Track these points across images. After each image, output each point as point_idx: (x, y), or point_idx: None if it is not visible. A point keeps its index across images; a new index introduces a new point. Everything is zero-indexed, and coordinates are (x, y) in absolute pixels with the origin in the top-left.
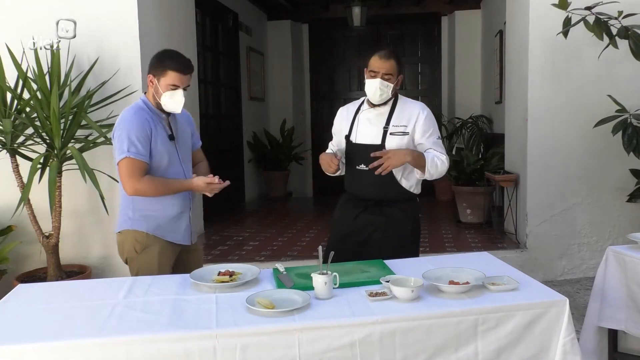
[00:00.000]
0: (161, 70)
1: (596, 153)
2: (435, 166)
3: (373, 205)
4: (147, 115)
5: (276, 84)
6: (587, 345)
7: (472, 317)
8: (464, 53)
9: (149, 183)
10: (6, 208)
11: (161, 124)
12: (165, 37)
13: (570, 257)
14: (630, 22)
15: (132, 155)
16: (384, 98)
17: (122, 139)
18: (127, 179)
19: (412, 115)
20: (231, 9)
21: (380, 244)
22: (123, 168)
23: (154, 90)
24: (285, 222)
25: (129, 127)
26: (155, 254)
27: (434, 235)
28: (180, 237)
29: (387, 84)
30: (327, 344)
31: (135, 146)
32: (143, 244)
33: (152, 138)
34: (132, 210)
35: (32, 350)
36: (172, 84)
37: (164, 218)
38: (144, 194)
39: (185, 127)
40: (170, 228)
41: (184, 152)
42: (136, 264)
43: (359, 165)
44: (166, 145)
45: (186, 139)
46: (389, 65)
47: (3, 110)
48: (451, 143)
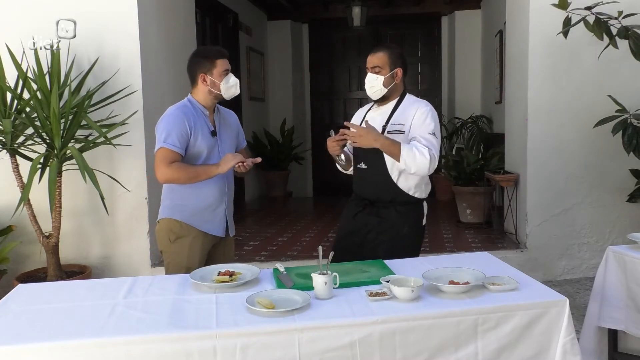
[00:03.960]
0: (210, 64)
1: (596, 153)
2: (412, 156)
3: (370, 205)
4: (190, 111)
5: (276, 84)
6: (587, 345)
7: (472, 317)
8: (464, 53)
9: (177, 169)
10: (6, 208)
11: (204, 120)
12: (165, 37)
13: (570, 257)
14: (630, 22)
15: (167, 146)
16: (377, 92)
17: (161, 131)
18: (158, 167)
19: (410, 112)
20: (231, 9)
21: (374, 245)
22: (157, 157)
23: (209, 86)
24: (285, 222)
25: (169, 120)
26: (186, 246)
27: (434, 235)
28: (215, 228)
29: (376, 77)
30: (327, 344)
31: (172, 138)
32: (177, 233)
33: (192, 133)
34: (170, 199)
35: (32, 350)
36: (224, 69)
37: (199, 208)
38: (173, 180)
39: (231, 125)
40: (205, 218)
41: (225, 148)
42: (167, 255)
43: (360, 164)
44: (207, 140)
45: (230, 136)
46: (377, 58)
47: (3, 110)
48: (451, 143)
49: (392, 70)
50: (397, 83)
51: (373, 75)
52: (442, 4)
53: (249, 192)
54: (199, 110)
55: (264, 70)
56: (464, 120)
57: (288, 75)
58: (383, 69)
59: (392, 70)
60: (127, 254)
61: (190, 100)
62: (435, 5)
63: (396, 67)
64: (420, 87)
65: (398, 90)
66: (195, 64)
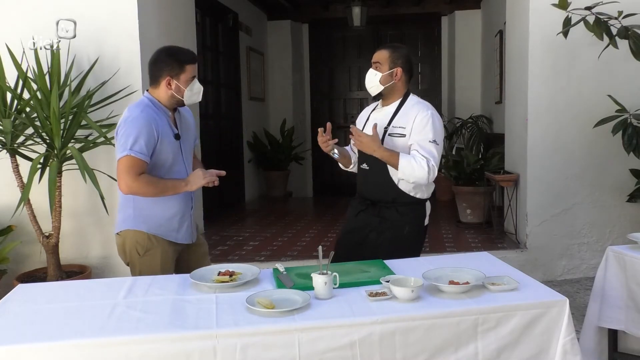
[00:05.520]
0: (179, 69)
1: (596, 153)
2: (411, 168)
3: (371, 205)
4: (153, 113)
5: (276, 84)
6: (587, 345)
7: (472, 317)
8: (464, 53)
9: (145, 183)
10: (6, 208)
11: (167, 122)
12: (165, 37)
13: (570, 257)
14: (630, 22)
15: (133, 154)
16: (374, 89)
17: (127, 136)
18: (123, 177)
19: (411, 116)
20: (231, 9)
21: (374, 245)
22: (122, 165)
23: (173, 91)
24: (285, 222)
25: (135, 125)
26: (158, 257)
27: (434, 235)
28: (182, 236)
29: (375, 72)
30: (327, 344)
31: (139, 145)
32: (145, 246)
33: (158, 138)
34: (133, 209)
35: (32, 350)
36: (192, 76)
37: (165, 218)
38: (138, 193)
39: (189, 123)
40: (172, 227)
41: (187, 150)
42: (138, 266)
43: (362, 165)
44: (172, 145)
45: (190, 136)
46: (379, 54)
47: (3, 110)
48: (451, 143)
49: (391, 68)
50: (396, 82)
51: (372, 71)
52: (442, 4)
53: (249, 192)
54: (162, 111)
55: (264, 70)
56: (464, 120)
57: (288, 75)
58: (382, 66)
59: (391, 68)
60: None
61: (150, 99)
62: (435, 5)
63: (396, 66)
64: (420, 87)
65: (399, 90)
66: (162, 63)
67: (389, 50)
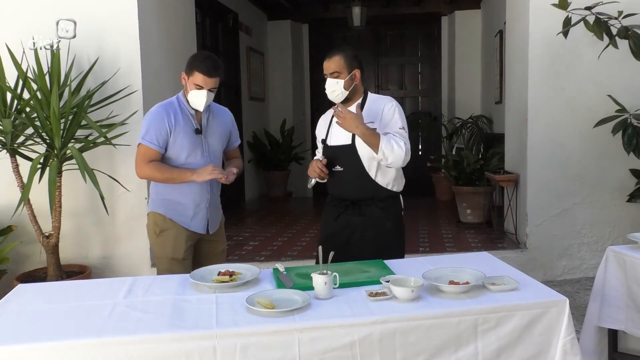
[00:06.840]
0: (190, 71)
1: (596, 153)
2: (390, 147)
3: (351, 205)
4: (173, 109)
5: (276, 84)
6: (587, 345)
7: (472, 317)
8: (464, 53)
9: (153, 168)
10: (6, 208)
11: (189, 118)
12: (165, 37)
13: (570, 257)
14: (630, 22)
15: (145, 143)
16: (340, 96)
17: (143, 127)
18: (137, 162)
19: (378, 110)
20: (231, 9)
21: (360, 244)
22: (137, 152)
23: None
24: (285, 222)
25: (149, 118)
26: (171, 239)
27: (434, 235)
28: (195, 225)
29: (336, 81)
30: (327, 344)
31: (150, 135)
32: (161, 227)
33: (171, 131)
34: (155, 193)
35: (32, 350)
36: (197, 84)
37: (180, 203)
38: (149, 178)
39: (223, 125)
40: (186, 214)
41: (212, 147)
42: (155, 246)
43: (335, 167)
44: (189, 138)
45: (221, 135)
46: (333, 63)
47: (3, 110)
48: (451, 143)
49: (350, 72)
50: (357, 84)
51: (333, 80)
52: (442, 4)
53: (249, 192)
54: (185, 108)
55: (264, 70)
56: (464, 120)
57: (288, 75)
58: (342, 73)
59: (350, 72)
60: (127, 254)
61: (178, 97)
62: (435, 5)
63: (353, 69)
64: (420, 87)
65: (359, 90)
66: (187, 63)
67: (341, 56)
